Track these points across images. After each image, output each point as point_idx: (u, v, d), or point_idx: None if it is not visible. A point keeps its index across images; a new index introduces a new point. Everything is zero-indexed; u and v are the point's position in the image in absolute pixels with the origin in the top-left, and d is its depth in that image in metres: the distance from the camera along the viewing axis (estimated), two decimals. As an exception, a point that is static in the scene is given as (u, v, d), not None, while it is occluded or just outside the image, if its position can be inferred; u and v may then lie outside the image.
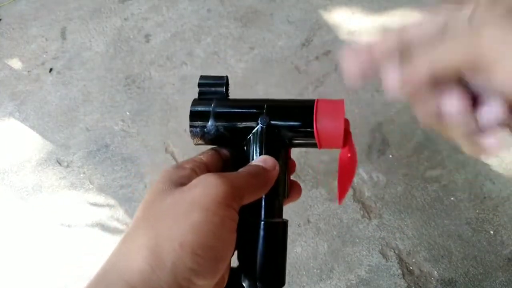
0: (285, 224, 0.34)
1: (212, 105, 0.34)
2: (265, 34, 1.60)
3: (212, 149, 0.35)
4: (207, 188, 0.25)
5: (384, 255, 1.11)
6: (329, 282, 1.10)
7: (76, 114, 1.51)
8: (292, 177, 0.38)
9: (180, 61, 1.58)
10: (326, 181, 1.23)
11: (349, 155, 0.36)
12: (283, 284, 0.33)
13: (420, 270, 1.08)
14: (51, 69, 1.64)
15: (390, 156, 1.26)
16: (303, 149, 1.24)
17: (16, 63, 1.69)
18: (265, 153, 0.33)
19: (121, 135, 1.43)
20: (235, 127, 0.34)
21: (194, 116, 0.34)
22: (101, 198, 1.32)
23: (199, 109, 0.34)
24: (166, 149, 1.37)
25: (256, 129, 0.33)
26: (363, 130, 1.29)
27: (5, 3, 1.88)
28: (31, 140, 1.47)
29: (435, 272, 1.07)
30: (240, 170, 0.30)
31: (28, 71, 1.65)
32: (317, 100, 0.34)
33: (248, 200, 0.29)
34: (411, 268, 1.09)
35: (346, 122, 0.34)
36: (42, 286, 1.20)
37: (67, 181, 1.37)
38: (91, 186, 1.34)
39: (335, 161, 1.32)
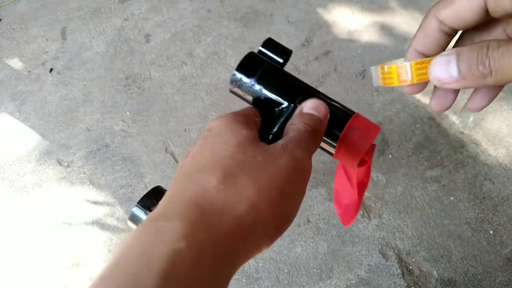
0: None
1: (263, 67, 0.34)
2: (265, 34, 1.60)
3: (251, 107, 0.35)
4: (296, 162, 0.28)
5: (384, 255, 1.11)
6: (329, 281, 1.10)
7: (76, 114, 1.51)
8: None
9: (180, 61, 1.58)
10: (326, 181, 1.24)
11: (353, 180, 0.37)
12: None
13: (420, 269, 1.09)
14: (51, 69, 1.64)
15: (390, 156, 1.26)
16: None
17: (16, 63, 1.69)
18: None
19: (121, 135, 1.44)
20: (269, 98, 0.34)
21: (243, 67, 0.34)
22: (101, 198, 1.32)
23: (251, 64, 0.34)
24: (166, 149, 1.37)
25: (286, 106, 0.33)
26: (363, 130, 1.29)
27: (5, 3, 1.89)
28: (32, 140, 1.47)
29: (435, 271, 1.08)
30: (301, 126, 0.30)
31: (28, 71, 1.65)
32: (357, 113, 0.34)
33: None
34: (410, 267, 1.09)
35: (372, 147, 0.34)
36: (42, 286, 1.20)
37: (67, 181, 1.37)
38: (91, 186, 1.35)
39: (334, 160, 1.31)
